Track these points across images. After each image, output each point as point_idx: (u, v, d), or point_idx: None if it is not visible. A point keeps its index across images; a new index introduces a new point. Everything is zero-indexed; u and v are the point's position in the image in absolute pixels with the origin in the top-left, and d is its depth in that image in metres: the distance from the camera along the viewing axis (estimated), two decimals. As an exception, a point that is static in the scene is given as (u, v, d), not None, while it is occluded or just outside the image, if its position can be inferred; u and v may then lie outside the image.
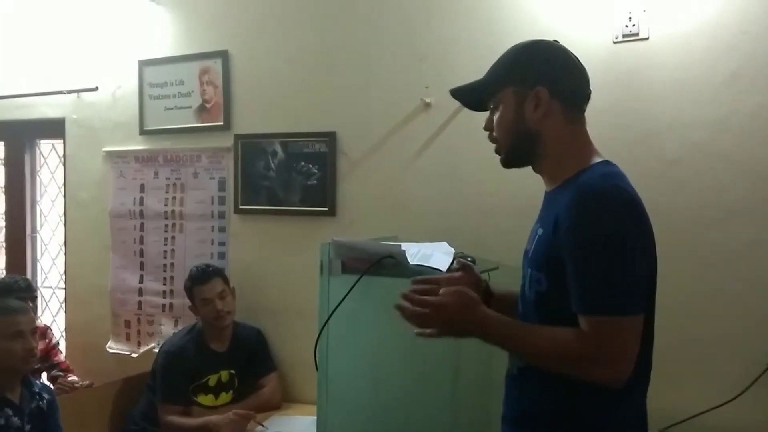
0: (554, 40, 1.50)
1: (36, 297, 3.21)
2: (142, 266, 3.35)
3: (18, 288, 2.91)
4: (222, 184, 3.15)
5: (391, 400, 2.09)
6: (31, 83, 3.60)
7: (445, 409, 1.90)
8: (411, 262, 1.94)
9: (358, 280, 1.88)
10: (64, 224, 3.62)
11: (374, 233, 2.47)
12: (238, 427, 2.55)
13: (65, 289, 3.64)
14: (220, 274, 2.85)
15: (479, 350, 1.64)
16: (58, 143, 3.71)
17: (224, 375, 2.81)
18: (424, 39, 2.68)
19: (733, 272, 2.21)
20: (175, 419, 2.68)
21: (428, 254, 2.03)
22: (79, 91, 3.48)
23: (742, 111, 2.20)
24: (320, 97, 2.90)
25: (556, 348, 1.31)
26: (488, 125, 1.52)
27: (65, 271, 3.62)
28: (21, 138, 3.81)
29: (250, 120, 3.07)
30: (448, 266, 1.97)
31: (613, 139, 2.09)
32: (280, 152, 2.98)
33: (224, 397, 2.80)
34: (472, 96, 1.59)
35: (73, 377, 3.12)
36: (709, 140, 2.24)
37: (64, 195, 3.61)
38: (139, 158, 3.34)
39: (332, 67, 2.87)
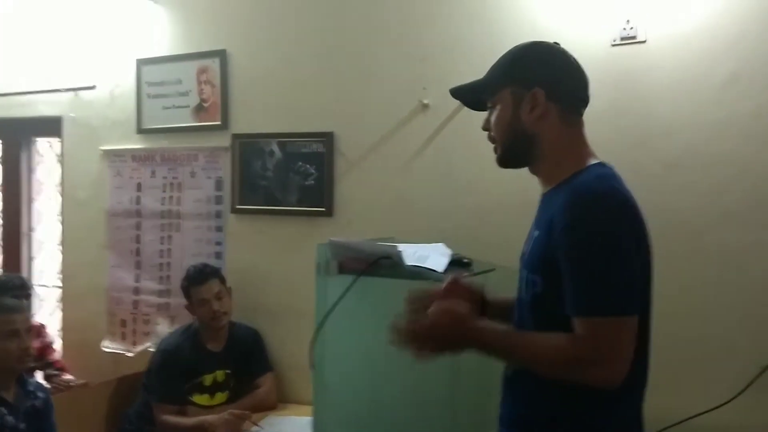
0: (555, 43, 1.50)
1: (31, 295, 3.21)
2: (138, 265, 3.34)
3: (13, 286, 2.91)
4: (219, 184, 3.15)
5: (387, 400, 2.08)
6: (28, 81, 3.60)
7: (442, 411, 1.89)
8: (408, 263, 1.94)
9: (355, 280, 1.88)
10: (61, 223, 3.61)
11: (371, 234, 2.46)
12: (233, 427, 2.54)
13: (61, 287, 3.63)
14: (218, 274, 2.85)
15: (476, 351, 1.63)
16: (55, 141, 3.70)
17: (220, 375, 2.80)
18: (423, 40, 2.68)
19: (732, 274, 2.22)
20: (171, 419, 2.68)
21: (425, 255, 2.03)
22: (76, 90, 3.47)
23: (741, 113, 2.20)
24: (318, 98, 2.90)
25: (551, 353, 1.31)
26: (486, 125, 1.53)
27: (61, 269, 3.61)
28: (18, 136, 3.80)
29: (247, 120, 3.07)
30: (444, 267, 1.97)
31: (611, 141, 2.09)
32: (278, 152, 2.98)
33: (220, 397, 2.79)
34: (471, 95, 1.60)
35: (68, 376, 3.12)
36: (708, 143, 2.24)
37: (61, 193, 3.60)
38: (137, 157, 3.33)
39: (330, 68, 2.87)
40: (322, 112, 2.89)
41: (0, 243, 3.89)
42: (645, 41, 2.31)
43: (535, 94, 1.42)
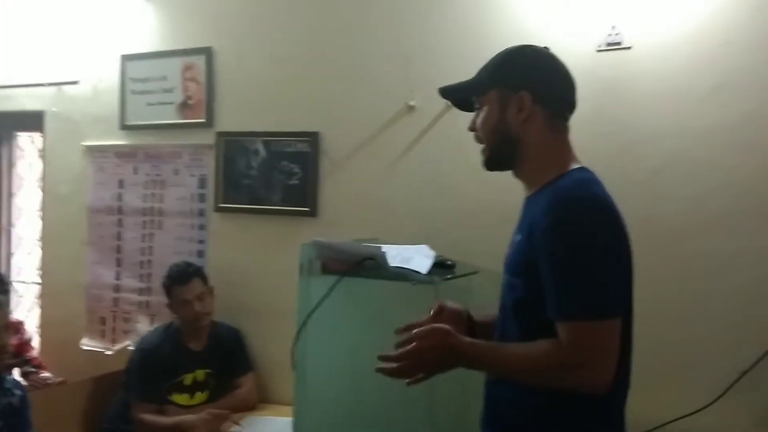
0: (544, 47, 1.51)
1: (9, 291, 3.17)
2: (119, 263, 3.31)
3: (-9, 282, 2.87)
4: (203, 182, 3.13)
5: (368, 401, 2.08)
6: (10, 74, 3.55)
7: (423, 411, 1.89)
8: (391, 264, 1.95)
9: (338, 281, 1.87)
10: (41, 218, 3.57)
11: (355, 234, 2.46)
12: (212, 427, 2.52)
13: (40, 284, 3.59)
14: (200, 274, 2.82)
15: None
16: (36, 136, 3.66)
17: (200, 374, 2.78)
18: (410, 43, 2.68)
19: (713, 280, 2.23)
20: (149, 417, 2.65)
21: (408, 257, 2.03)
22: (59, 84, 3.43)
23: (725, 122, 2.22)
24: (304, 97, 2.89)
25: (537, 362, 1.31)
26: (472, 125, 1.54)
27: (41, 265, 3.57)
28: (-1, 130, 3.76)
29: (232, 118, 3.05)
30: (428, 269, 1.98)
31: (596, 147, 2.11)
32: (262, 151, 2.97)
33: (200, 397, 2.77)
34: (459, 95, 1.62)
35: (45, 374, 3.09)
36: (692, 151, 2.26)
37: (42, 189, 3.56)
38: (119, 153, 3.30)
39: (317, 68, 2.86)
40: (307, 112, 2.88)
41: (-22, 238, 3.85)
42: (630, 47, 2.33)
43: (522, 96, 1.43)
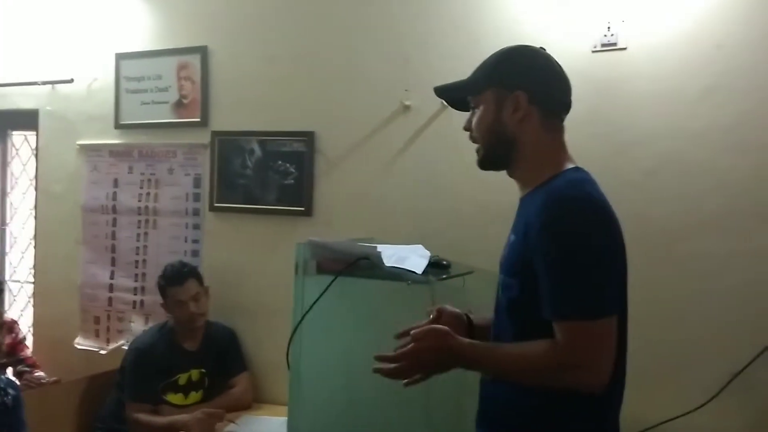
0: (540, 47, 1.51)
1: (3, 290, 3.15)
2: (113, 262, 3.30)
3: (-16, 281, 2.86)
4: (197, 181, 3.12)
5: (363, 401, 2.08)
6: (5, 73, 3.54)
7: (419, 411, 1.89)
8: (386, 264, 1.94)
9: (333, 280, 1.87)
10: (35, 217, 3.55)
11: (350, 234, 2.46)
12: (206, 426, 2.52)
13: (34, 283, 3.58)
14: (195, 274, 2.81)
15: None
16: (30, 135, 3.64)
17: (195, 374, 2.77)
18: (406, 42, 2.68)
19: (706, 281, 2.24)
20: (143, 417, 2.65)
21: (404, 257, 2.03)
22: (54, 83, 3.42)
23: (718, 123, 2.23)
24: (300, 97, 2.88)
25: (534, 361, 1.31)
26: (468, 125, 1.54)
27: (34, 265, 3.56)
28: (-7, 128, 3.75)
29: (227, 117, 3.04)
30: (423, 269, 1.97)
31: (590, 147, 2.10)
32: (258, 150, 2.96)
33: (194, 396, 2.77)
34: (455, 94, 1.62)
35: (39, 373, 3.07)
36: (686, 151, 2.27)
37: (36, 188, 3.55)
38: (114, 152, 3.30)
39: (313, 67, 2.86)
40: (303, 112, 2.88)
41: (-28, 237, 3.83)
42: (626, 48, 2.33)
43: (517, 96, 1.43)
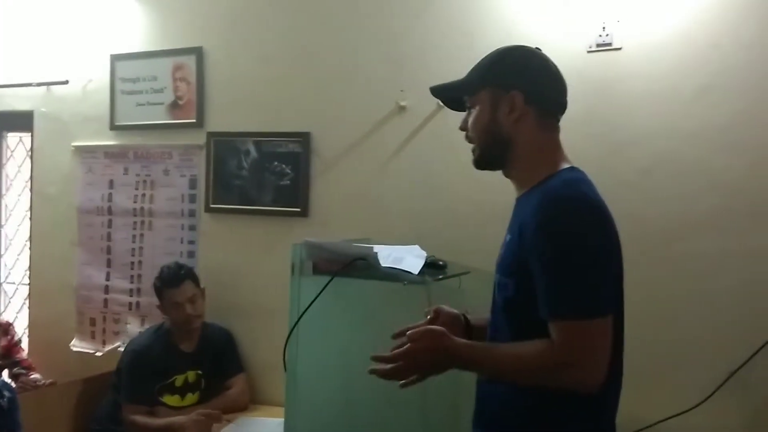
0: (536, 48, 1.51)
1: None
2: (109, 263, 3.29)
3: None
4: (193, 182, 3.12)
5: (359, 401, 2.08)
6: (-1, 74, 3.54)
7: (415, 411, 1.89)
8: (383, 265, 1.94)
9: (330, 281, 1.87)
10: (30, 219, 3.55)
11: (346, 235, 2.46)
12: (202, 428, 2.51)
13: (29, 285, 3.56)
14: (192, 276, 2.81)
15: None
16: (25, 136, 3.64)
17: (191, 375, 2.77)
18: (401, 43, 2.68)
19: (701, 280, 2.25)
20: (139, 419, 2.64)
21: (400, 257, 2.03)
22: (48, 84, 3.41)
23: (713, 123, 2.23)
24: (295, 98, 2.88)
25: (530, 361, 1.31)
26: (463, 125, 1.54)
27: (30, 266, 3.55)
28: (-13, 130, 3.73)
29: (223, 118, 3.04)
30: (419, 269, 1.98)
31: (585, 147, 2.11)
32: (254, 151, 2.96)
33: (190, 398, 2.76)
34: (451, 94, 1.62)
35: (35, 375, 3.06)
36: (681, 151, 2.27)
37: (31, 189, 3.54)
38: (109, 154, 3.29)
39: (308, 68, 2.86)
40: (298, 112, 2.87)
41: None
42: (621, 48, 2.34)
43: (513, 96, 1.43)
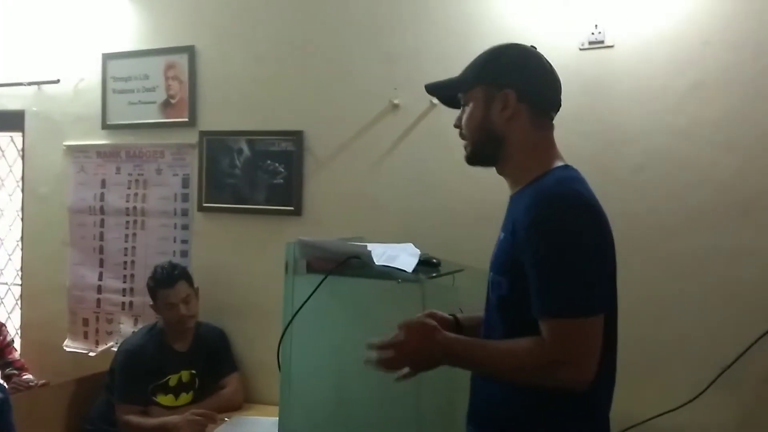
0: (531, 46, 1.52)
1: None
2: (101, 263, 3.28)
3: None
4: (186, 181, 3.11)
5: (354, 400, 2.08)
6: (-11, 74, 3.52)
7: (410, 410, 1.89)
8: (377, 263, 1.94)
9: (324, 279, 1.87)
10: (22, 219, 3.53)
11: (340, 233, 2.46)
12: (196, 427, 2.51)
13: (21, 285, 3.55)
14: (186, 276, 2.79)
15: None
16: (17, 136, 3.62)
17: (185, 375, 2.76)
18: (394, 41, 2.68)
19: (692, 278, 2.26)
20: (133, 419, 2.63)
21: (394, 255, 2.03)
22: (39, 83, 3.40)
23: (705, 120, 2.24)
24: (288, 96, 2.88)
25: (520, 358, 1.32)
26: (457, 122, 1.54)
27: (22, 266, 3.54)
28: (-22, 130, 3.71)
29: (216, 117, 3.03)
30: (413, 267, 1.98)
31: (578, 145, 2.12)
32: (246, 150, 2.96)
33: (184, 398, 2.76)
34: (445, 92, 1.62)
35: (28, 376, 3.05)
36: (672, 148, 2.28)
37: (22, 189, 3.53)
38: (101, 153, 3.28)
39: (301, 66, 2.85)
40: (291, 111, 2.87)
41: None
42: (613, 46, 2.34)
43: (506, 95, 1.43)
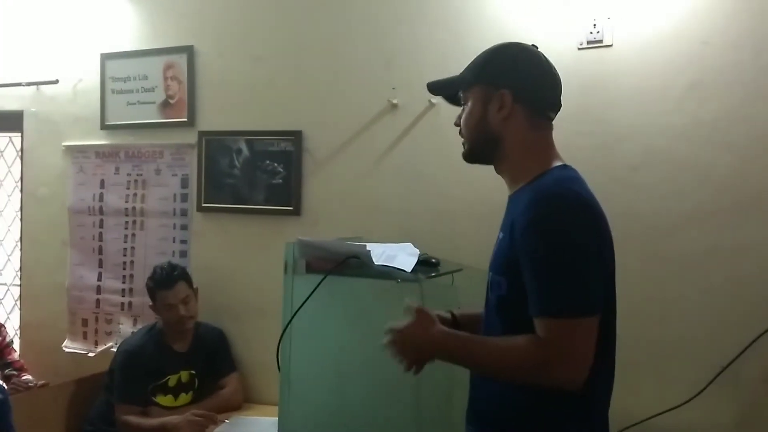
0: (532, 45, 1.52)
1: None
2: (100, 263, 3.28)
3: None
4: (185, 182, 3.11)
5: (353, 400, 2.08)
6: (-12, 74, 3.51)
7: (409, 410, 1.89)
8: (376, 263, 1.94)
9: (323, 279, 1.87)
10: (21, 219, 3.53)
11: (339, 233, 2.46)
12: (196, 428, 2.51)
13: (20, 285, 3.55)
14: (185, 277, 2.79)
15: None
16: (15, 136, 3.61)
17: (184, 375, 2.76)
18: (392, 41, 2.68)
19: (690, 277, 2.26)
20: (132, 419, 2.63)
21: (393, 255, 2.03)
22: (38, 84, 3.40)
23: (703, 120, 2.24)
24: (287, 96, 2.88)
25: (512, 355, 1.32)
26: (458, 120, 1.55)
27: (21, 267, 3.54)
28: (-24, 130, 3.71)
29: (215, 117, 3.03)
30: (412, 267, 1.98)
31: (576, 144, 2.11)
32: (245, 150, 2.96)
33: (184, 398, 2.76)
34: (446, 90, 1.63)
35: (27, 376, 3.05)
36: (671, 147, 2.28)
37: (21, 190, 3.53)
38: (100, 153, 3.28)
39: (299, 66, 2.85)
40: (290, 111, 2.87)
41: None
42: (611, 45, 2.34)
43: (502, 95, 1.44)
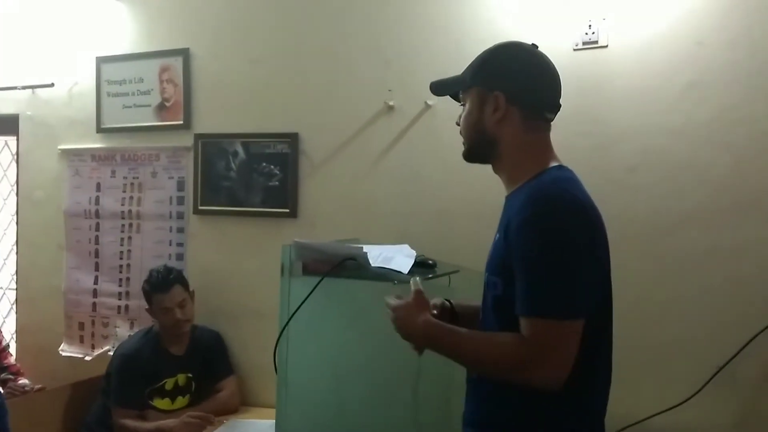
0: (533, 44, 1.52)
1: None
2: (97, 267, 3.27)
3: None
4: (181, 184, 3.10)
5: (351, 402, 2.08)
6: (-17, 78, 3.50)
7: (407, 411, 1.89)
8: (372, 265, 1.94)
9: (320, 281, 1.87)
10: (17, 223, 3.52)
11: (336, 235, 2.46)
12: (192, 429, 2.51)
13: (16, 289, 3.53)
14: (181, 280, 2.79)
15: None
16: (11, 140, 3.61)
17: (181, 378, 2.76)
18: (389, 43, 2.68)
19: (688, 278, 2.26)
20: (130, 423, 2.63)
21: (390, 257, 2.03)
22: (34, 87, 3.39)
23: (699, 120, 2.25)
24: (283, 98, 2.88)
25: (495, 351, 1.33)
26: (458, 120, 1.56)
27: (17, 271, 3.52)
28: (-28, 134, 3.70)
29: (211, 119, 3.03)
30: (409, 269, 1.98)
31: (572, 145, 2.12)
32: (242, 153, 2.95)
33: (181, 401, 2.75)
34: (447, 90, 1.64)
35: (23, 380, 3.04)
36: (667, 148, 2.28)
37: (17, 193, 3.52)
38: (96, 157, 3.27)
39: (295, 69, 2.85)
40: (286, 113, 2.87)
41: (-48, 244, 3.79)
42: (607, 46, 2.35)
43: (496, 97, 1.44)
